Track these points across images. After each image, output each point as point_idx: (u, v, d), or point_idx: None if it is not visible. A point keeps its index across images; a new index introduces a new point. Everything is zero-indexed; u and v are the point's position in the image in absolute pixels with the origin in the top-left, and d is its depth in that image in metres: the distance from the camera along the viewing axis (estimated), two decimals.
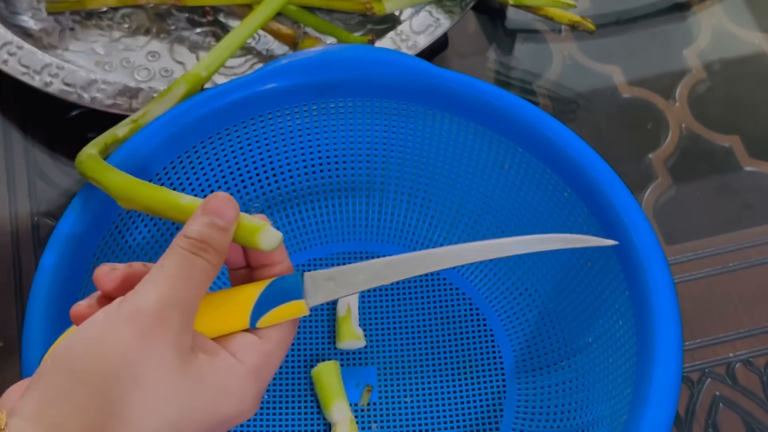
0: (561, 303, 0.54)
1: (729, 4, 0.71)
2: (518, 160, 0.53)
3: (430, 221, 0.58)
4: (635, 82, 0.68)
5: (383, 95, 0.54)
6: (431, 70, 0.53)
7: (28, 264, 0.59)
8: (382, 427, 0.52)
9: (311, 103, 0.54)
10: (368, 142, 0.56)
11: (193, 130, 0.52)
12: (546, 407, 0.52)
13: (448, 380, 0.54)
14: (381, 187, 0.58)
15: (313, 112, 0.54)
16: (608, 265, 0.49)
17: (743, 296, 0.58)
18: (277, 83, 0.52)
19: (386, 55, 0.54)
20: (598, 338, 0.50)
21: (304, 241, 0.58)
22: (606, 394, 0.48)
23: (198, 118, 0.51)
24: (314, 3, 0.67)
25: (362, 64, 0.53)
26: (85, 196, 0.49)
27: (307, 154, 0.56)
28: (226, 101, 0.52)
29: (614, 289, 0.49)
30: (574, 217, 0.51)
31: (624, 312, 0.48)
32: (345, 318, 0.55)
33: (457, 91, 0.53)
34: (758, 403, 0.54)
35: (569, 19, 0.67)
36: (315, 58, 0.53)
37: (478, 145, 0.54)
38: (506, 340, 0.55)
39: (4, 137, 0.64)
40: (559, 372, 0.52)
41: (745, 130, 0.65)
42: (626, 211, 0.48)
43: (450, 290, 0.57)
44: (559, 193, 0.52)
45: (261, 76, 0.52)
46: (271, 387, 0.54)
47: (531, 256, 0.55)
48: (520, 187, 0.54)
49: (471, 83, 0.52)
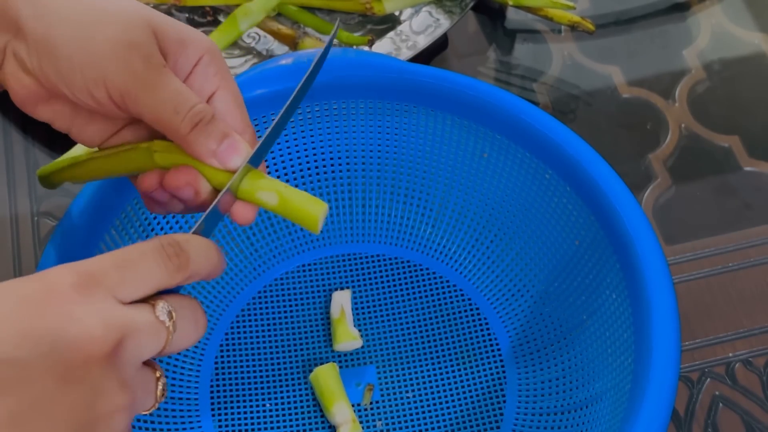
0: (552, 284, 0.54)
1: (728, 4, 0.71)
2: (497, 147, 0.54)
3: (414, 216, 0.59)
4: (635, 82, 0.68)
5: (358, 96, 0.55)
6: (403, 66, 0.54)
7: (29, 264, 0.59)
8: (386, 424, 0.53)
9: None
10: (347, 144, 0.57)
11: None
12: (548, 387, 0.52)
13: (448, 372, 0.54)
14: (363, 187, 0.58)
15: (290, 118, 0.55)
16: (596, 242, 0.50)
17: (743, 296, 0.58)
18: (253, 91, 0.52)
19: (358, 56, 0.55)
20: (592, 315, 0.51)
21: (290, 249, 0.59)
22: (606, 367, 0.49)
23: None
24: (314, 3, 0.67)
25: (335, 67, 0.53)
26: (86, 195, 0.49)
27: (287, 160, 0.57)
28: None
29: (604, 264, 0.50)
30: (557, 197, 0.52)
31: (616, 285, 0.49)
32: (339, 320, 0.55)
33: (431, 85, 0.53)
34: (758, 403, 0.54)
35: (569, 19, 0.67)
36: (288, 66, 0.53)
37: (456, 136, 0.55)
38: (501, 327, 0.56)
39: (4, 137, 0.64)
40: (556, 352, 0.53)
41: (744, 130, 0.65)
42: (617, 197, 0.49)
43: (441, 283, 0.58)
44: (541, 175, 0.53)
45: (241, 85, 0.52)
46: (273, 396, 0.54)
47: (519, 242, 0.56)
48: (501, 174, 0.55)
49: (443, 76, 0.53)
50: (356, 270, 0.58)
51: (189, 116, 0.40)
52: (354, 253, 0.59)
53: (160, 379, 0.36)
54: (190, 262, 0.37)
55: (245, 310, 0.56)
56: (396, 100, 0.55)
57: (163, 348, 0.36)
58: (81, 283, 0.33)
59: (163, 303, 0.36)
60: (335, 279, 0.58)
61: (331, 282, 0.58)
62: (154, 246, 0.36)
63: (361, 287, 0.58)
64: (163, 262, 0.36)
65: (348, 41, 0.65)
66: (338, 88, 0.54)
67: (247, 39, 0.68)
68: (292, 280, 0.58)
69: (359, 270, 0.58)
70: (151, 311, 0.35)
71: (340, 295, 0.56)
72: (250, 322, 0.56)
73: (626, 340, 0.47)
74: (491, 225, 0.57)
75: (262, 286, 0.57)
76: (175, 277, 0.36)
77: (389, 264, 0.58)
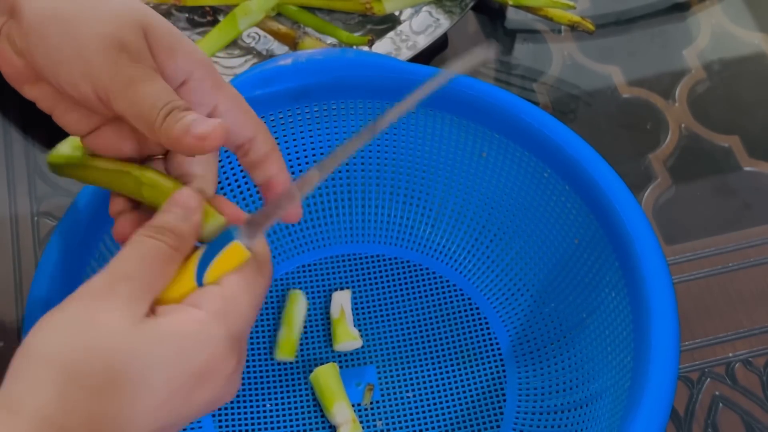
0: (552, 283, 0.54)
1: (728, 4, 0.71)
2: (496, 147, 0.54)
3: (414, 216, 0.59)
4: (635, 82, 0.68)
5: (358, 96, 0.55)
6: (403, 66, 0.54)
7: (28, 264, 0.59)
8: (387, 423, 0.53)
9: (286, 110, 0.55)
10: None
11: None
12: (547, 386, 0.52)
13: (448, 371, 0.54)
14: (363, 187, 0.58)
15: (288, 118, 0.55)
16: (595, 241, 0.50)
17: (742, 296, 0.58)
18: (253, 91, 0.52)
19: (358, 56, 0.55)
20: (591, 314, 0.51)
21: (290, 249, 0.59)
22: (606, 366, 0.49)
23: None
24: (314, 3, 0.67)
25: (335, 67, 0.53)
26: (86, 195, 0.49)
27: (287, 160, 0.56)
28: None
29: (603, 264, 0.50)
30: (556, 196, 0.53)
31: (616, 284, 0.49)
32: (339, 320, 0.55)
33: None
34: (758, 403, 0.54)
35: (569, 19, 0.67)
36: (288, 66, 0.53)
37: (455, 135, 0.55)
38: (501, 326, 0.56)
39: (4, 137, 0.64)
40: (556, 351, 0.53)
41: (744, 130, 0.65)
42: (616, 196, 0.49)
43: (441, 283, 0.58)
44: (540, 175, 0.53)
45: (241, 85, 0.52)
46: (273, 396, 0.54)
47: (518, 241, 0.56)
48: (500, 173, 0.55)
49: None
50: (356, 270, 0.58)
51: (165, 109, 0.39)
52: (354, 253, 0.59)
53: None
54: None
55: None
56: (396, 100, 0.54)
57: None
58: (233, 348, 0.37)
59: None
60: (335, 279, 0.58)
61: (331, 282, 0.58)
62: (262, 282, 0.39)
63: (361, 287, 0.58)
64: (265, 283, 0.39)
65: (348, 41, 0.65)
66: (338, 88, 0.54)
67: (247, 39, 0.68)
68: (292, 280, 0.58)
69: (359, 270, 0.58)
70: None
71: (340, 295, 0.56)
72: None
73: (626, 338, 0.47)
74: (491, 224, 0.57)
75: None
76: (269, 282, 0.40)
77: (389, 264, 0.58)
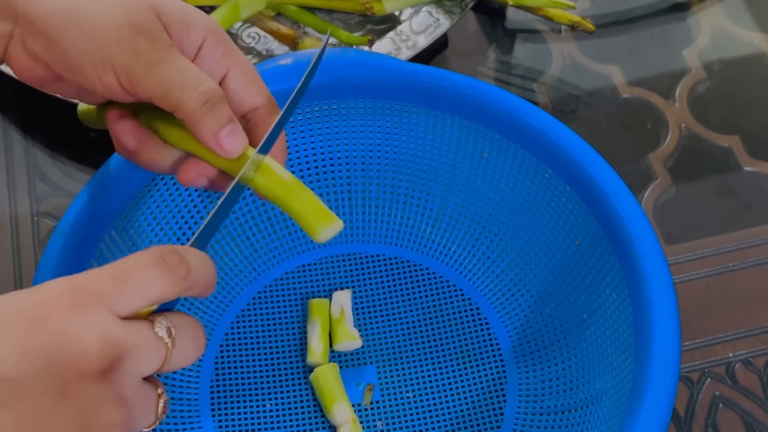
0: (552, 284, 0.54)
1: (729, 4, 0.71)
2: (497, 147, 0.54)
3: (414, 216, 0.59)
4: (635, 82, 0.68)
5: (358, 96, 0.55)
6: (403, 66, 0.54)
7: (28, 264, 0.59)
8: (387, 424, 0.53)
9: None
10: (346, 144, 0.57)
11: None
12: (548, 386, 0.52)
13: (448, 372, 0.54)
14: (363, 187, 0.58)
15: (289, 118, 0.55)
16: (596, 241, 0.50)
17: (743, 296, 0.58)
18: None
19: (358, 55, 0.55)
20: (592, 314, 0.51)
21: (290, 249, 0.59)
22: (607, 367, 0.49)
23: None
24: (314, 3, 0.67)
25: (335, 67, 0.53)
26: (86, 195, 0.49)
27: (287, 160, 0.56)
28: None
29: (604, 264, 0.50)
30: (557, 197, 0.52)
31: (616, 285, 0.49)
32: (339, 320, 0.55)
33: (431, 85, 0.53)
34: (758, 403, 0.54)
35: (569, 19, 0.67)
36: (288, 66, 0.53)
37: (456, 135, 0.55)
38: (501, 326, 0.56)
39: (4, 137, 0.64)
40: (557, 351, 0.53)
41: (744, 130, 0.65)
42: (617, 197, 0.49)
43: (441, 283, 0.57)
44: (541, 175, 0.53)
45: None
46: (273, 396, 0.54)
47: (519, 241, 0.56)
48: (501, 173, 0.55)
49: (443, 76, 0.53)
50: (356, 270, 0.58)
51: (198, 92, 0.39)
52: (354, 253, 0.59)
53: (161, 396, 0.36)
54: (190, 271, 0.36)
55: (245, 311, 0.56)
56: (396, 100, 0.55)
57: (162, 365, 0.35)
58: (77, 298, 0.33)
59: (161, 319, 0.35)
60: (335, 279, 0.58)
61: (331, 282, 0.58)
62: (153, 256, 0.35)
63: (361, 287, 0.58)
64: (162, 272, 0.35)
65: (348, 41, 0.65)
66: (338, 88, 0.54)
67: (247, 39, 0.68)
68: (292, 280, 0.58)
69: (359, 270, 0.58)
70: (149, 327, 0.35)
71: (340, 295, 0.56)
72: (250, 322, 0.56)
73: (626, 339, 0.47)
74: (491, 225, 0.57)
75: (262, 287, 0.57)
76: (176, 287, 0.36)
77: (389, 264, 0.58)
